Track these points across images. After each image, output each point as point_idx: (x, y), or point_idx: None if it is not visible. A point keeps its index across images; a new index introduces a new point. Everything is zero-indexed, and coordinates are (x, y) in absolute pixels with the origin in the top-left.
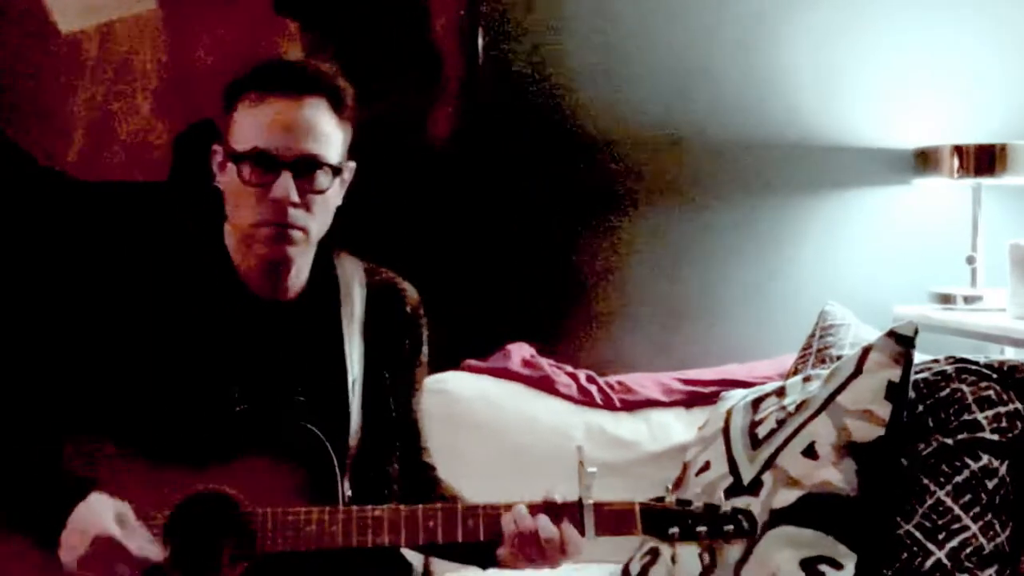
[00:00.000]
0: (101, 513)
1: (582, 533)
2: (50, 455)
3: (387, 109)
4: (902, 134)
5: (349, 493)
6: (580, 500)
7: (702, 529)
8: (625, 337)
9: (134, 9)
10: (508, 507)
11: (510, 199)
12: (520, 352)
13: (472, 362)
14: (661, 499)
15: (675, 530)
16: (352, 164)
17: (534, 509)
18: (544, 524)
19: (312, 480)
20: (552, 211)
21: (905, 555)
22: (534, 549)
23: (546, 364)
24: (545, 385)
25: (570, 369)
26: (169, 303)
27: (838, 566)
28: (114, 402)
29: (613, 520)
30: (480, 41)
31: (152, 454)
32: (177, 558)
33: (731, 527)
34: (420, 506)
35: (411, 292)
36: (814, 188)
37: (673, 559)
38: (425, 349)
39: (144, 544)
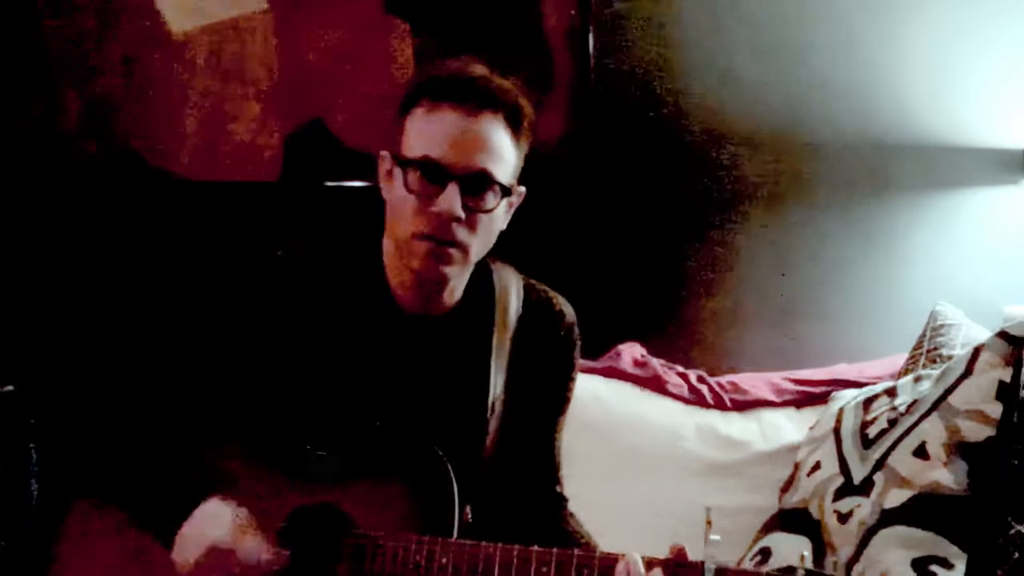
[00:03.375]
0: (219, 521)
1: None
2: (182, 459)
3: None
4: (1013, 134)
5: (470, 519)
6: (703, 563)
7: None
8: (735, 337)
9: (245, 9)
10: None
11: (621, 200)
12: (631, 352)
13: (583, 362)
14: (791, 569)
15: None
16: (522, 189)
17: (652, 564)
18: None
19: (430, 505)
20: (663, 212)
21: (1016, 555)
22: None
23: (657, 364)
24: (656, 385)
25: (681, 369)
26: (309, 310)
27: (949, 566)
28: (245, 408)
29: None
30: (591, 41)
31: (273, 463)
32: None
33: None
34: (535, 548)
35: (568, 311)
36: (925, 188)
37: None
38: (576, 373)
39: (261, 554)
